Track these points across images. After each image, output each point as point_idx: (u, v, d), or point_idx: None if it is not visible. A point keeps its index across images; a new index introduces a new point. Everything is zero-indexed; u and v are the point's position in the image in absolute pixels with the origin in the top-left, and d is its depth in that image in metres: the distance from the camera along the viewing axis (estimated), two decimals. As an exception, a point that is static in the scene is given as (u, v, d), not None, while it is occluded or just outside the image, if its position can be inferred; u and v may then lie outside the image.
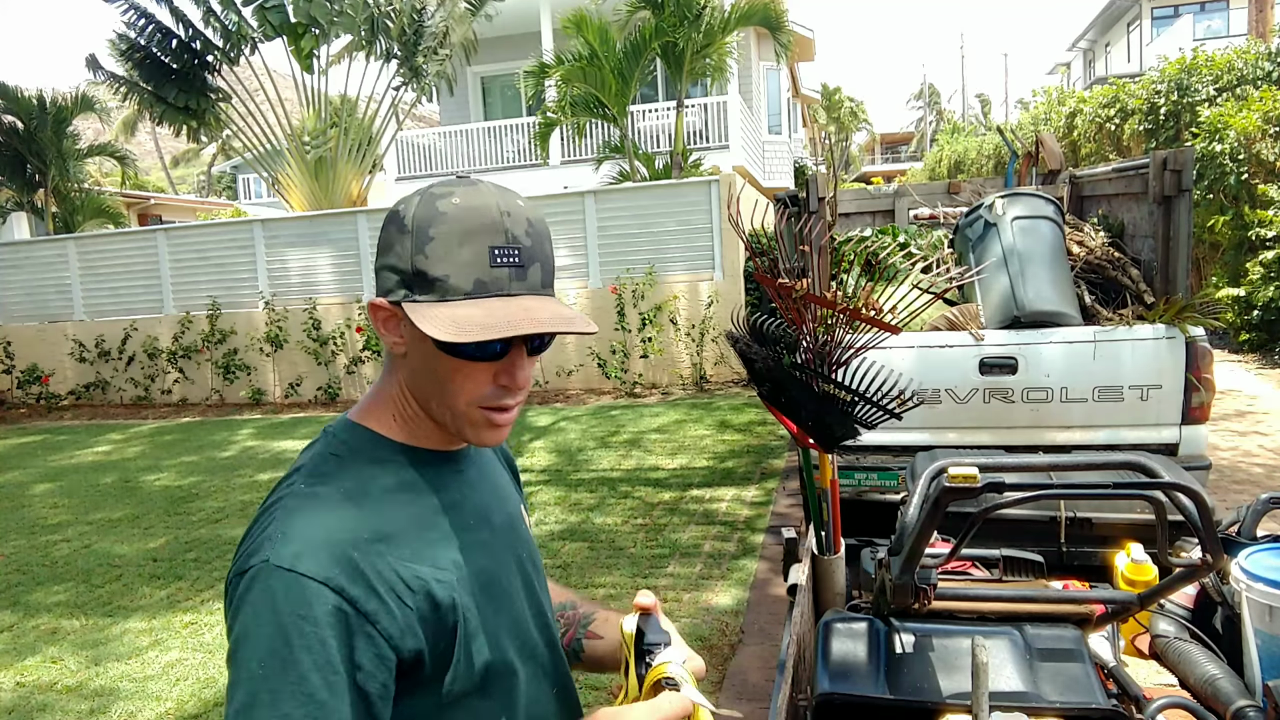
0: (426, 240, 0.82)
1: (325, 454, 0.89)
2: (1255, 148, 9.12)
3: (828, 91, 45.10)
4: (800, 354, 2.22)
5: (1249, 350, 9.71)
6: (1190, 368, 3.50)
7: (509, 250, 0.83)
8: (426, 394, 0.88)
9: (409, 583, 0.81)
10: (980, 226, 4.07)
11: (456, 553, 0.88)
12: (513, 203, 0.85)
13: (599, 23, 11.33)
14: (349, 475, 0.86)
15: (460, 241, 0.82)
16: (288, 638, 0.74)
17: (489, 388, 0.86)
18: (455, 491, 0.93)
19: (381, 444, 0.90)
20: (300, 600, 0.75)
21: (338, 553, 0.78)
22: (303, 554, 0.77)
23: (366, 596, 0.78)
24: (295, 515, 0.81)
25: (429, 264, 0.82)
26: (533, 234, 0.85)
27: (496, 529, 0.97)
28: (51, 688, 3.55)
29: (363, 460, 0.88)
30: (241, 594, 0.77)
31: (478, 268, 0.82)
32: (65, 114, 15.31)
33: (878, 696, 1.70)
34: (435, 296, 0.82)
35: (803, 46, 19.36)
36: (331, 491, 0.84)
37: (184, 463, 7.80)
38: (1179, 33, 22.64)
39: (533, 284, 0.85)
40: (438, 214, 0.83)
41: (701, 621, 3.74)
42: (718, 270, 9.71)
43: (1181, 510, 1.69)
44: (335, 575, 0.77)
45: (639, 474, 6.30)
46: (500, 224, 0.83)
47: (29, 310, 11.98)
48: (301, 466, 0.89)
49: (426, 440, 0.92)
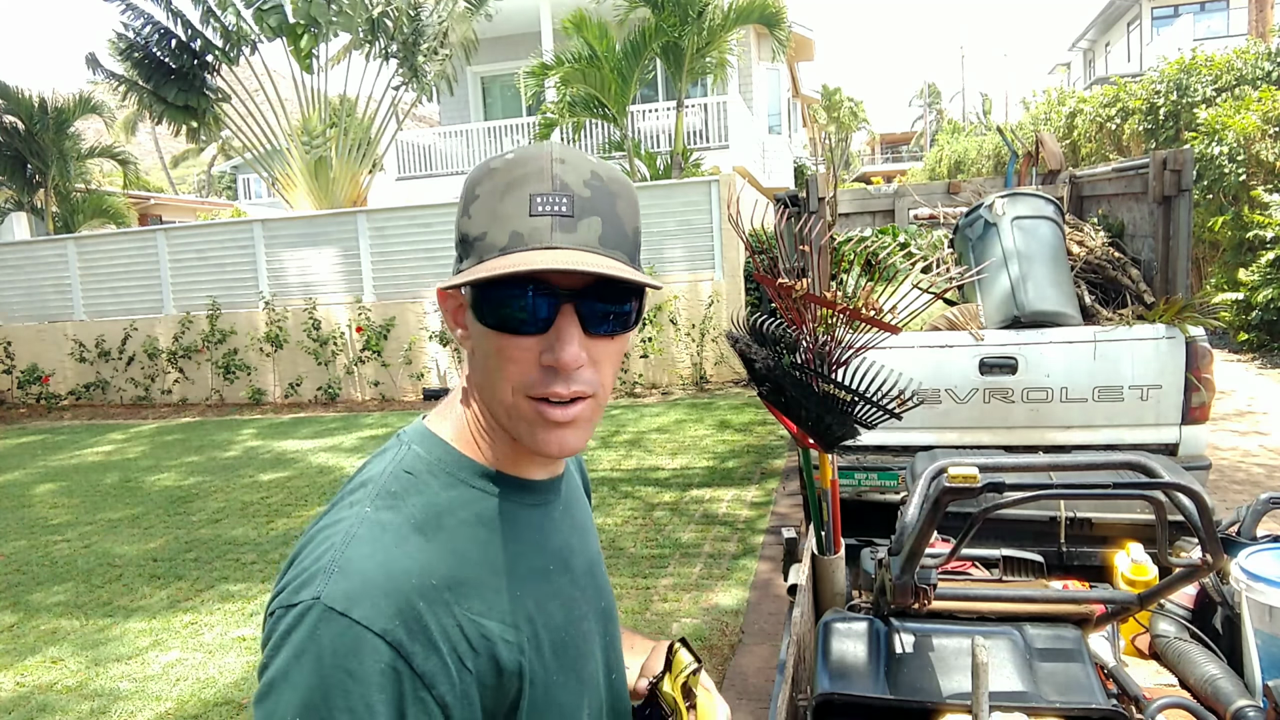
0: (472, 199, 0.73)
1: (398, 470, 0.76)
2: (1254, 148, 9.12)
3: (828, 91, 45.10)
4: (800, 354, 2.22)
5: (1248, 350, 9.71)
6: (1190, 368, 3.50)
7: (554, 198, 0.70)
8: (487, 392, 0.77)
9: (473, 642, 0.71)
10: (980, 226, 4.07)
11: (531, 606, 0.77)
12: (577, 155, 0.73)
13: (599, 22, 11.33)
14: (422, 500, 0.74)
15: (503, 194, 0.71)
16: (328, 694, 0.64)
17: (534, 371, 0.73)
18: (538, 530, 0.81)
19: (462, 464, 0.78)
20: (350, 653, 0.65)
21: (401, 600, 0.67)
22: (361, 597, 0.66)
23: (426, 654, 0.67)
24: (356, 546, 0.70)
25: (471, 224, 0.73)
26: (596, 187, 0.73)
27: (577, 576, 0.85)
28: (51, 688, 3.55)
29: (439, 483, 0.76)
30: (285, 632, 0.67)
31: (516, 219, 0.70)
32: (67, 115, 15.31)
33: (878, 696, 1.70)
34: (474, 259, 0.72)
35: (802, 46, 19.37)
36: (401, 521, 0.72)
37: (184, 463, 7.80)
38: (1179, 33, 22.63)
39: (585, 239, 0.71)
40: (487, 171, 0.73)
41: (701, 621, 3.74)
42: (718, 270, 9.71)
43: (1181, 510, 1.69)
44: (395, 628, 0.66)
45: (639, 474, 6.30)
46: (548, 170, 0.71)
47: (29, 310, 11.98)
48: (368, 481, 0.76)
49: (509, 463, 0.80)
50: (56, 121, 15.11)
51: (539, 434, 0.75)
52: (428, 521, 0.73)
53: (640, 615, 3.86)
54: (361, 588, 0.67)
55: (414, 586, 0.68)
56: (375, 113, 13.01)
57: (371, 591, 0.67)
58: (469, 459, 0.79)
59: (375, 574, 0.68)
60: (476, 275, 0.69)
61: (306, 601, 0.66)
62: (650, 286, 0.74)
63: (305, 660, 0.65)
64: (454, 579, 0.71)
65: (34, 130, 14.87)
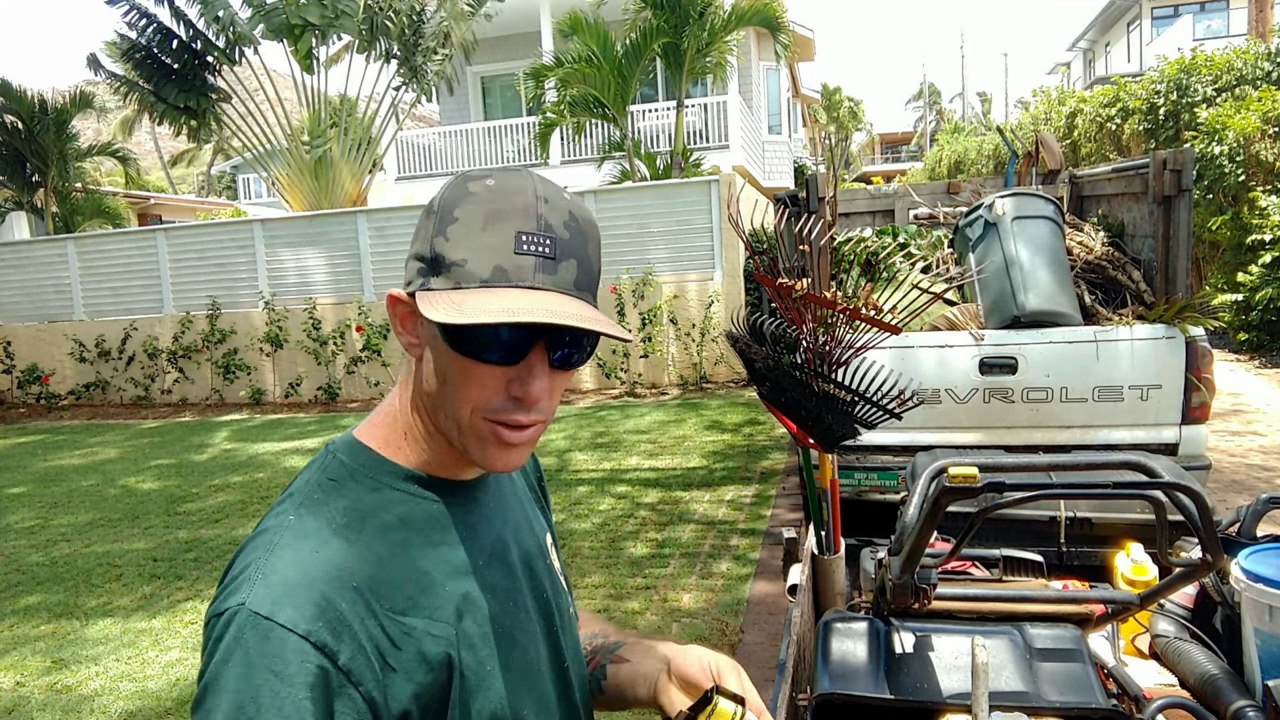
0: (450, 221, 0.73)
1: (321, 479, 0.80)
2: (1254, 148, 9.12)
3: (828, 91, 45.11)
4: (800, 354, 2.22)
5: (1248, 350, 9.72)
6: (1190, 368, 3.50)
7: (539, 238, 0.72)
8: (435, 401, 0.78)
9: (395, 640, 0.73)
10: (980, 226, 4.07)
11: (460, 600, 0.79)
12: (556, 193, 0.76)
13: (598, 23, 11.33)
14: (343, 505, 0.77)
15: (485, 224, 0.72)
16: (257, 697, 0.66)
17: (499, 397, 0.75)
18: (466, 526, 0.83)
19: (386, 468, 0.80)
20: (276, 656, 0.67)
21: (322, 602, 0.70)
22: (283, 600, 0.69)
23: (350, 653, 0.70)
24: (279, 552, 0.72)
25: (448, 246, 0.73)
26: (573, 229, 0.75)
27: (512, 568, 0.87)
28: (51, 688, 3.55)
29: (362, 487, 0.79)
30: (216, 638, 0.69)
31: (500, 253, 0.71)
32: (66, 114, 15.31)
33: (877, 696, 1.70)
34: (450, 283, 0.72)
35: (803, 46, 19.36)
36: (322, 526, 0.75)
37: (184, 462, 7.80)
38: (1179, 33, 22.64)
39: (563, 281, 0.73)
40: (467, 194, 0.74)
41: (701, 621, 3.74)
42: (718, 270, 9.71)
43: (1181, 510, 1.69)
44: (319, 629, 0.69)
45: (638, 474, 6.30)
46: (533, 209, 0.73)
47: (29, 310, 11.98)
48: (294, 492, 0.80)
49: (439, 466, 0.82)
50: (57, 120, 15.10)
51: (490, 451, 0.77)
52: (349, 525, 0.76)
53: (640, 615, 3.86)
54: (284, 592, 0.69)
55: (335, 589, 0.71)
56: (375, 112, 13.01)
57: (294, 595, 0.69)
58: (393, 463, 0.81)
59: (297, 578, 0.70)
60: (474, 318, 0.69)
61: (233, 608, 0.69)
62: (624, 339, 0.77)
63: (234, 664, 0.67)
64: (375, 579, 0.74)
65: (34, 129, 14.87)
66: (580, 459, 6.83)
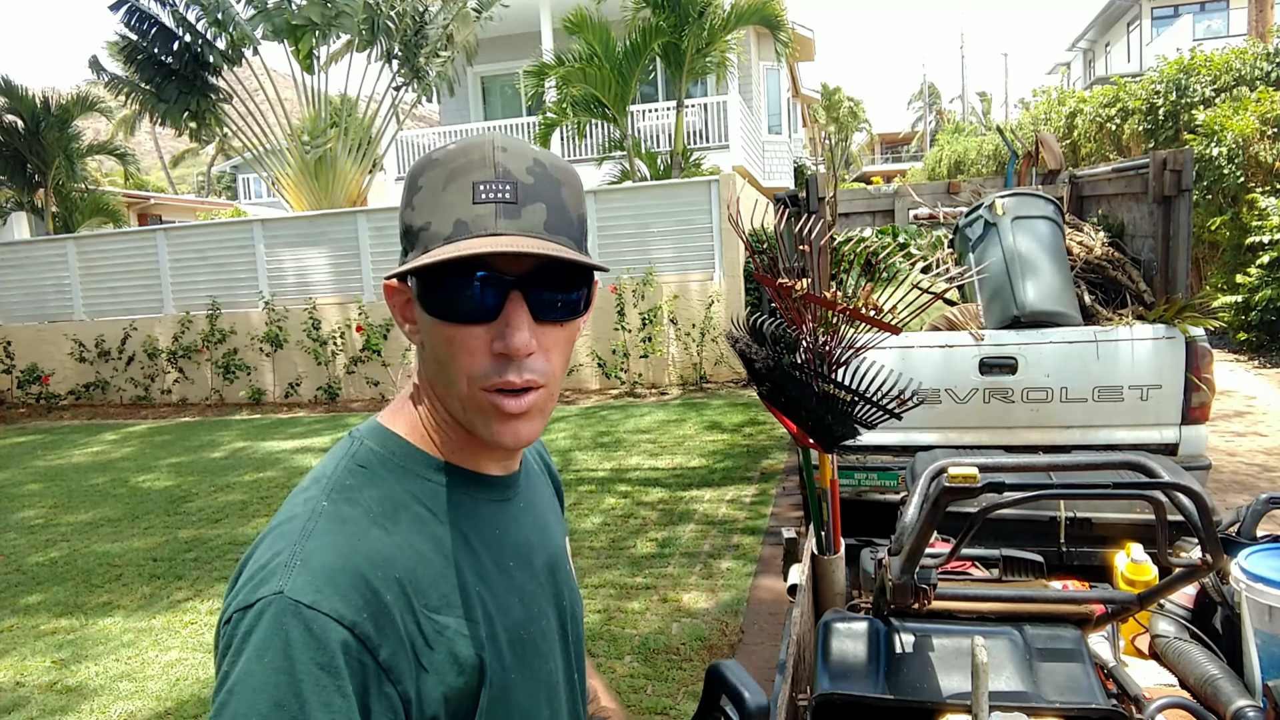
0: (415, 190, 0.73)
1: (352, 465, 0.76)
2: (1253, 149, 9.12)
3: (828, 91, 45.09)
4: (800, 354, 2.22)
5: (1247, 350, 9.72)
6: (1190, 368, 3.50)
7: (497, 185, 0.71)
8: (441, 384, 0.76)
9: (429, 639, 0.70)
10: (980, 226, 4.07)
11: (489, 602, 0.76)
12: (519, 143, 0.74)
13: (599, 22, 11.33)
14: (378, 493, 0.74)
15: (445, 184, 0.71)
16: (300, 690, 0.62)
17: (486, 359, 0.72)
18: (495, 525, 0.80)
19: (416, 457, 0.78)
20: (322, 646, 0.63)
21: (368, 592, 0.66)
22: (327, 588, 0.65)
23: (391, 648, 0.66)
24: (316, 539, 0.68)
25: (414, 215, 0.73)
26: (539, 174, 0.73)
27: (537, 572, 0.84)
28: (51, 688, 3.55)
29: (394, 476, 0.76)
30: (246, 633, 0.64)
31: (459, 207, 0.70)
32: (69, 114, 15.31)
33: (877, 696, 1.70)
34: (419, 249, 0.72)
35: (803, 46, 19.36)
36: (360, 514, 0.71)
37: (183, 462, 7.80)
38: (1179, 33, 22.63)
39: (529, 225, 0.71)
40: (429, 162, 0.74)
41: (701, 621, 3.74)
42: (718, 270, 9.71)
43: (1181, 510, 1.69)
44: (363, 620, 0.65)
45: (638, 474, 6.30)
46: (490, 158, 0.71)
47: (29, 310, 11.98)
48: (321, 478, 0.75)
49: (464, 457, 0.80)
50: (59, 120, 15.11)
51: (494, 425, 0.74)
52: (385, 514, 0.73)
53: (640, 615, 3.86)
54: (328, 579, 0.65)
55: (379, 579, 0.68)
56: (375, 112, 13.01)
57: (339, 583, 0.65)
58: (423, 452, 0.78)
59: (340, 565, 0.67)
60: (420, 263, 0.68)
61: (267, 597, 0.64)
62: (597, 268, 0.74)
63: (271, 657, 0.62)
64: (414, 573, 0.71)
65: (37, 129, 14.87)
66: (581, 458, 6.83)
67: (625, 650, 3.51)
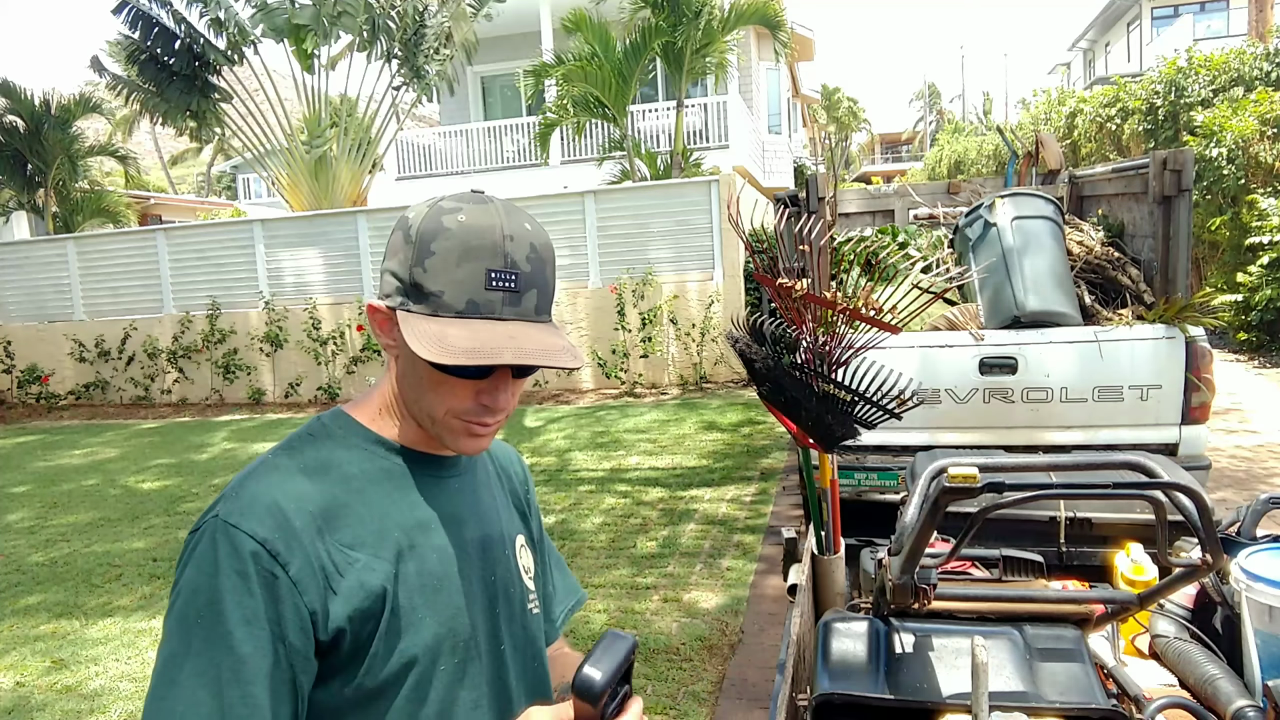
0: (427, 254, 0.83)
1: (303, 433, 0.92)
2: (1253, 150, 9.12)
3: (828, 91, 45.11)
4: (800, 354, 2.22)
5: (1247, 350, 9.72)
6: (1190, 368, 3.50)
7: (506, 275, 0.83)
8: (412, 396, 0.90)
9: (339, 567, 0.82)
10: (980, 226, 4.07)
11: (404, 547, 0.87)
12: (519, 226, 0.85)
13: (598, 22, 11.33)
14: (316, 454, 0.89)
15: (459, 260, 0.82)
16: (219, 588, 0.77)
17: (470, 403, 0.87)
18: (427, 491, 0.92)
19: (360, 432, 0.92)
20: (238, 554, 0.78)
21: (280, 518, 0.81)
22: (247, 512, 0.80)
23: (300, 566, 0.80)
24: (250, 479, 0.85)
25: (426, 278, 0.83)
26: (534, 260, 0.86)
27: (463, 542, 0.94)
28: (51, 688, 3.55)
29: (336, 444, 0.90)
30: (191, 548, 0.81)
31: (472, 288, 0.83)
32: (71, 115, 15.32)
33: (877, 696, 1.70)
34: (428, 310, 0.83)
35: (803, 46, 19.37)
36: (292, 466, 0.86)
37: (184, 462, 7.80)
38: (1179, 33, 22.63)
39: (525, 310, 0.85)
40: (442, 229, 0.83)
41: (701, 621, 3.75)
42: (718, 270, 9.71)
43: (1181, 510, 1.69)
44: (274, 539, 0.79)
45: (638, 474, 6.30)
46: (501, 247, 0.83)
47: (29, 310, 11.98)
48: (280, 443, 0.92)
49: (414, 440, 0.93)
50: (60, 120, 15.11)
51: (462, 441, 0.90)
52: (316, 468, 0.87)
53: (640, 616, 3.86)
54: (250, 506, 0.81)
55: (293, 510, 0.82)
56: (375, 112, 13.01)
57: (256, 509, 0.81)
58: (369, 430, 0.92)
59: (261, 497, 0.82)
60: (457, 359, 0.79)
61: (209, 520, 0.81)
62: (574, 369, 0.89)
63: (204, 564, 0.79)
64: (329, 512, 0.84)
65: (37, 129, 14.86)
66: (580, 458, 6.83)
67: (625, 650, 3.51)
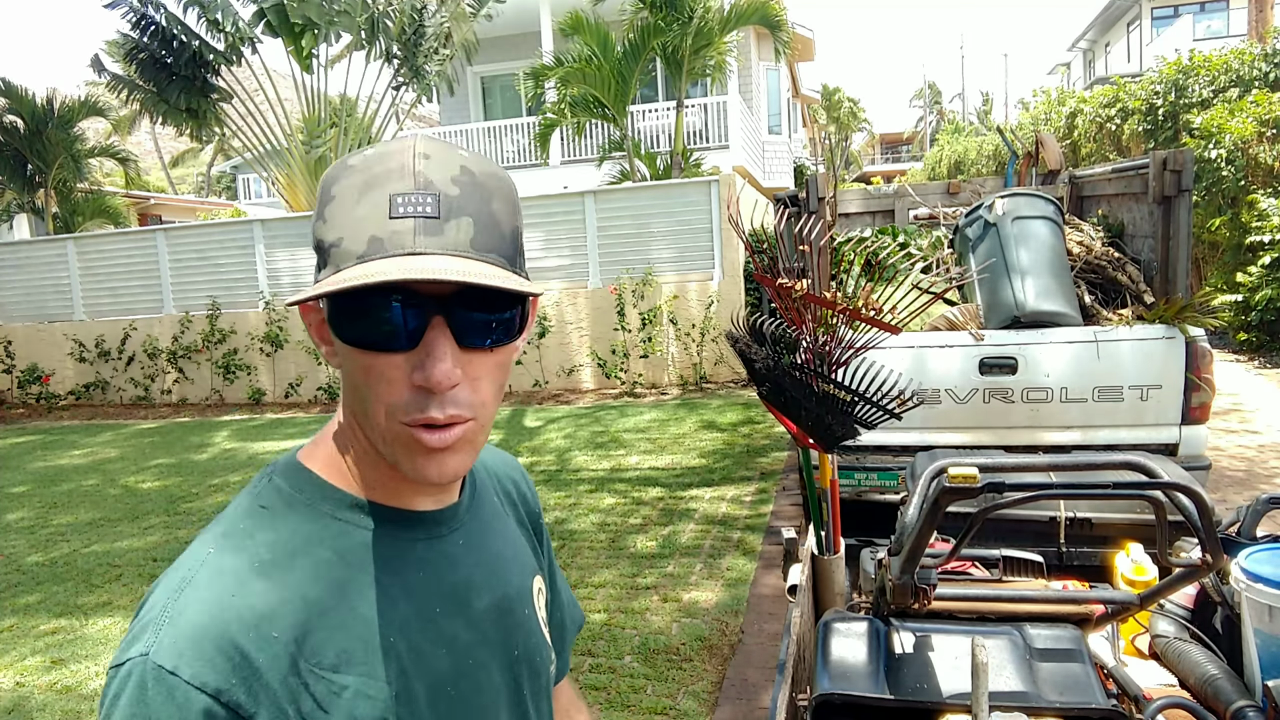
0: (328, 201, 0.66)
1: (252, 506, 0.70)
2: (1252, 151, 9.12)
3: (828, 91, 45.11)
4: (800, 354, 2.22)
5: (1247, 350, 9.72)
6: (1190, 368, 3.50)
7: (417, 198, 0.63)
8: (361, 415, 0.69)
9: (322, 700, 0.63)
10: (980, 226, 4.07)
11: (405, 655, 0.69)
12: (444, 149, 0.67)
13: (598, 23, 11.33)
14: (272, 538, 0.68)
15: (360, 194, 0.64)
16: None
17: (405, 390, 0.65)
18: (422, 566, 0.73)
19: (327, 495, 0.71)
20: (184, 716, 0.58)
21: (235, 655, 0.61)
22: (191, 653, 0.60)
23: (269, 715, 0.61)
24: (189, 593, 0.63)
25: (326, 229, 0.65)
26: (465, 184, 0.66)
27: (478, 618, 0.76)
28: (51, 688, 3.55)
29: (298, 516, 0.69)
30: (114, 697, 0.61)
31: (374, 222, 0.63)
32: (73, 115, 15.32)
33: (877, 696, 1.70)
34: (331, 268, 0.64)
35: (803, 46, 19.37)
36: (242, 565, 0.65)
37: (184, 462, 7.80)
38: (1179, 33, 22.64)
39: (454, 243, 0.64)
40: (344, 169, 0.67)
41: (701, 621, 3.74)
42: (718, 270, 9.71)
43: (1181, 510, 1.69)
44: (231, 687, 0.60)
45: (638, 474, 6.30)
46: (409, 167, 0.64)
47: (29, 310, 11.98)
48: (222, 518, 0.70)
49: (389, 493, 0.73)
50: (64, 120, 15.11)
51: (417, 461, 0.67)
52: (276, 562, 0.66)
53: (640, 616, 3.86)
54: (192, 642, 0.60)
55: (251, 640, 0.62)
56: (375, 113, 13.01)
57: (203, 646, 0.60)
58: (337, 489, 0.72)
59: (208, 625, 0.61)
60: (325, 289, 0.61)
61: (135, 659, 0.61)
62: (528, 293, 0.66)
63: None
64: (303, 628, 0.64)
65: (38, 129, 14.86)
66: (580, 458, 6.83)
67: (625, 650, 3.51)
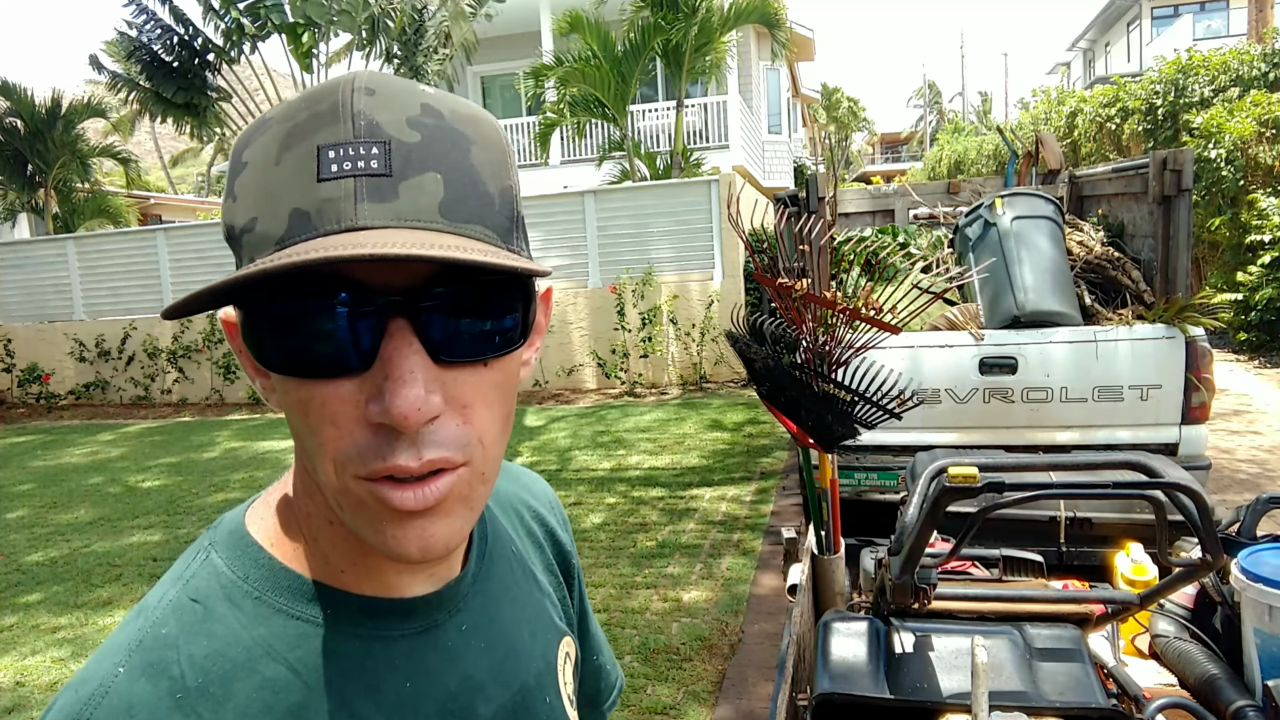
0: (239, 170, 0.47)
1: (180, 599, 0.51)
2: (1252, 151, 9.12)
3: (828, 91, 45.10)
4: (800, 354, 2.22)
5: (1247, 350, 9.72)
6: (1190, 368, 3.50)
7: (356, 149, 0.44)
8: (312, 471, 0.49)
9: None
10: (980, 226, 4.07)
11: None
12: (396, 84, 0.47)
13: (595, 23, 11.33)
14: (206, 649, 0.48)
15: (279, 154, 0.45)
16: None
17: (360, 432, 0.45)
18: (409, 670, 0.54)
19: (280, 583, 0.52)
20: None
21: None
22: None
23: None
24: None
25: (236, 209, 0.46)
26: (429, 128, 0.46)
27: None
28: (52, 687, 3.55)
29: (239, 616, 0.50)
30: None
31: (296, 189, 0.44)
32: (75, 116, 15.33)
33: (877, 696, 1.70)
34: (246, 256, 0.46)
35: (802, 46, 19.37)
36: (159, 696, 0.46)
37: (185, 461, 7.80)
38: (1179, 33, 22.64)
39: (412, 208, 0.44)
40: (262, 124, 0.47)
41: (701, 621, 3.75)
42: (718, 270, 9.71)
43: (1181, 510, 1.69)
44: None
45: (638, 473, 6.30)
46: (345, 107, 0.44)
47: (29, 310, 11.98)
48: (144, 611, 0.51)
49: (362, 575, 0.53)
50: (67, 120, 15.12)
51: (386, 532, 0.46)
52: (205, 690, 0.47)
53: (640, 616, 3.86)
54: None
55: None
56: (375, 112, 13.01)
57: None
58: (293, 573, 0.52)
59: None
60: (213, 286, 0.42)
61: None
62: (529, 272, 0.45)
63: None
64: None
65: (38, 129, 14.86)
66: (581, 458, 6.83)
67: (625, 650, 3.51)
